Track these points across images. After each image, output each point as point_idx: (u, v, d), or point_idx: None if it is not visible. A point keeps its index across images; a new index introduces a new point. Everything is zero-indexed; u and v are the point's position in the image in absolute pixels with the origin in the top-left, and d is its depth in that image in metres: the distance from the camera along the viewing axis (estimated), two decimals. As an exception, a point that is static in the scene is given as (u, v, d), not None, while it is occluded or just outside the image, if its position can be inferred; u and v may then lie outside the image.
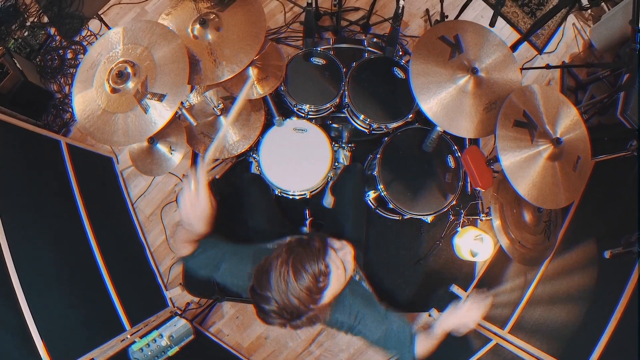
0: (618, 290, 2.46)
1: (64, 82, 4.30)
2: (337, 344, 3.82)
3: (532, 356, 2.70)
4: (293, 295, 1.68)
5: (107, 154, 4.04)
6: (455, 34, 2.63)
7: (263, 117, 3.17)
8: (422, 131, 3.16)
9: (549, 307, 2.97)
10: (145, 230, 4.00)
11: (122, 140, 2.35)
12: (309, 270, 1.70)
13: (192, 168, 2.34)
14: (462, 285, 3.78)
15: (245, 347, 3.84)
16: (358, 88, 3.18)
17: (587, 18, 4.38)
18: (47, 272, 2.74)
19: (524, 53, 4.27)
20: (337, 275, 1.83)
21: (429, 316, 3.79)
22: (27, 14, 4.44)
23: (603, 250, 2.64)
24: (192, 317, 3.72)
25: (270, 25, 4.28)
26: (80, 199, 3.30)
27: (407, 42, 4.22)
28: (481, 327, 3.26)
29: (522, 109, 2.43)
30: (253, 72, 2.89)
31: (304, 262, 1.71)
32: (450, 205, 3.06)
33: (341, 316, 2.07)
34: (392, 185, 3.06)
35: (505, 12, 4.35)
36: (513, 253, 2.81)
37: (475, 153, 2.82)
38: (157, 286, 3.80)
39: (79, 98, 2.43)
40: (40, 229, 2.86)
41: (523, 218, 2.93)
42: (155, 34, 2.42)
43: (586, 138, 2.55)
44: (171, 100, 2.30)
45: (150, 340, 3.00)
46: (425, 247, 3.83)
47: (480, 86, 2.55)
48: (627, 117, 3.48)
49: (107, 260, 3.22)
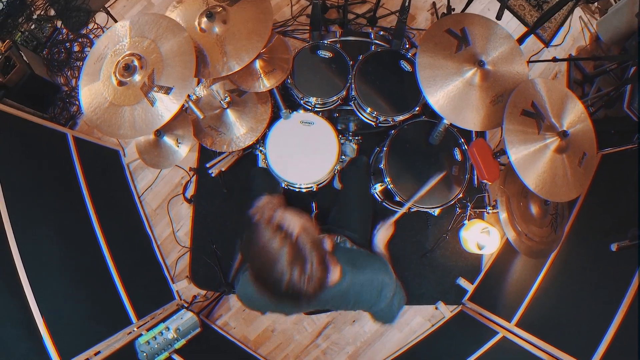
0: (625, 283, 2.46)
1: (71, 75, 4.30)
2: (343, 336, 3.83)
3: (538, 349, 2.70)
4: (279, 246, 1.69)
5: (114, 146, 4.05)
6: (462, 27, 2.63)
7: (270, 110, 3.17)
8: (429, 124, 3.16)
9: (556, 300, 2.97)
10: (151, 223, 4.01)
11: (129, 133, 2.36)
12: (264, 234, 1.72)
13: None
14: (468, 278, 3.78)
15: (252, 340, 3.85)
16: (365, 81, 3.17)
17: (594, 11, 4.37)
18: (54, 266, 2.75)
19: (531, 46, 4.25)
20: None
21: (435, 309, 3.80)
22: (34, 7, 4.45)
23: (610, 243, 2.63)
24: (198, 310, 3.73)
25: (277, 18, 4.27)
26: (87, 191, 3.31)
27: (413, 35, 4.22)
28: (488, 320, 3.26)
29: (531, 100, 2.43)
30: (260, 65, 2.90)
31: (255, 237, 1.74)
32: (457, 198, 3.05)
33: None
34: (399, 178, 3.06)
35: (512, 5, 4.34)
36: (520, 246, 2.81)
37: (482, 146, 2.82)
38: (163, 279, 3.82)
39: (85, 91, 2.44)
40: (47, 222, 2.88)
41: (530, 211, 2.93)
42: (162, 27, 2.42)
43: (592, 133, 2.55)
44: (178, 93, 2.30)
45: (157, 333, 3.01)
46: (432, 240, 3.83)
47: (487, 79, 2.55)
48: (634, 110, 3.47)
49: (113, 253, 3.24)
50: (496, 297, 3.49)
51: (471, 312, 3.56)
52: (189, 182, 4.01)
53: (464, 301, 3.75)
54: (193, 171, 3.98)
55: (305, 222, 1.82)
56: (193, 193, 3.99)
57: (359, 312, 3.83)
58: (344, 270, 2.03)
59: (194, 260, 3.91)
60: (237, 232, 3.83)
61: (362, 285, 2.10)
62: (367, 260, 2.17)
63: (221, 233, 3.88)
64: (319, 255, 1.76)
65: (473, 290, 3.74)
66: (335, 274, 1.99)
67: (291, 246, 1.68)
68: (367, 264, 2.14)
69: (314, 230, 1.85)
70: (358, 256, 2.18)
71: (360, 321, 3.84)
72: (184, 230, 3.97)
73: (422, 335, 3.77)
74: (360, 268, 2.10)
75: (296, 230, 1.72)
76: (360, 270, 2.09)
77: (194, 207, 3.98)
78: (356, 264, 2.10)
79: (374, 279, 2.11)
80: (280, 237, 1.68)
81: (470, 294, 3.74)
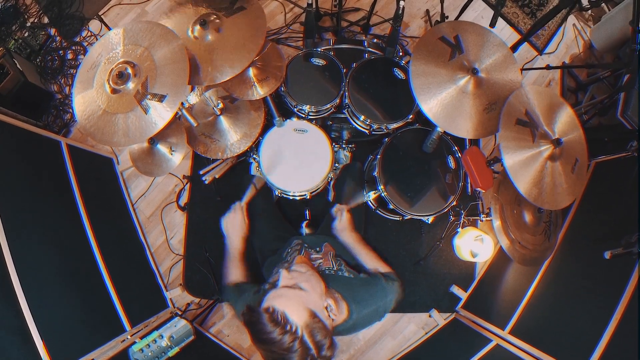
0: (618, 291, 2.47)
1: (64, 82, 4.31)
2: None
3: (532, 356, 2.70)
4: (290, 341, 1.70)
5: (108, 154, 4.04)
6: (455, 35, 2.63)
7: (263, 118, 3.16)
8: (423, 132, 3.16)
9: (549, 307, 2.97)
10: (145, 230, 4.00)
11: (123, 140, 2.34)
12: (267, 328, 1.71)
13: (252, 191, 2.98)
14: (462, 285, 3.78)
15: (246, 348, 3.83)
16: (358, 89, 3.18)
17: (588, 19, 4.39)
18: (47, 273, 2.74)
19: (524, 54, 4.27)
20: (297, 296, 1.86)
21: (429, 316, 3.80)
22: (28, 15, 4.45)
23: (603, 250, 2.64)
24: (192, 317, 3.72)
25: (270, 26, 4.28)
26: (81, 199, 3.30)
27: (407, 42, 4.23)
28: (481, 327, 3.26)
29: (524, 109, 2.43)
30: (253, 73, 2.90)
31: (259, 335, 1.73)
32: (450, 205, 3.05)
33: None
34: (393, 186, 3.06)
35: (505, 12, 4.36)
36: (513, 254, 2.82)
37: (476, 154, 2.82)
38: (157, 287, 3.80)
39: (79, 99, 2.42)
40: (41, 229, 2.87)
41: (523, 219, 2.93)
42: (156, 34, 2.41)
43: (582, 140, 2.55)
44: (171, 101, 2.29)
45: (151, 341, 3.00)
46: (426, 248, 3.84)
47: (481, 87, 2.55)
48: (628, 118, 3.48)
49: (107, 260, 3.22)
50: (490, 304, 3.50)
51: (465, 319, 3.56)
52: (182, 189, 4.01)
53: (457, 309, 3.75)
54: (187, 179, 3.98)
55: (307, 301, 1.85)
56: (187, 201, 3.99)
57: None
58: (350, 309, 2.03)
59: (188, 268, 3.91)
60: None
61: (369, 316, 2.11)
62: (368, 290, 2.16)
63: (215, 241, 3.86)
64: (329, 342, 1.78)
65: (466, 298, 3.74)
66: (342, 314, 2.01)
67: (300, 344, 1.70)
68: (369, 295, 2.14)
69: (317, 300, 1.89)
70: (359, 288, 2.16)
71: (354, 329, 3.82)
72: (178, 238, 3.97)
73: (415, 343, 3.76)
74: (363, 302, 2.09)
75: (300, 325, 1.73)
76: (364, 304, 2.09)
77: (187, 214, 3.97)
78: (358, 298, 2.09)
79: (378, 307, 2.13)
80: (288, 335, 1.69)
81: (464, 302, 3.74)
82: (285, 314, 1.73)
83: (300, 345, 1.68)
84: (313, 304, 1.84)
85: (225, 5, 2.65)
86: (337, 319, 1.95)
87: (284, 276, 1.96)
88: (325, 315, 1.86)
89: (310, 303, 1.84)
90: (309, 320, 1.76)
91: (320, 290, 1.93)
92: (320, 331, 1.76)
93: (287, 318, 1.72)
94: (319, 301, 1.88)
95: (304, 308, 1.79)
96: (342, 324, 2.02)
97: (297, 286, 1.90)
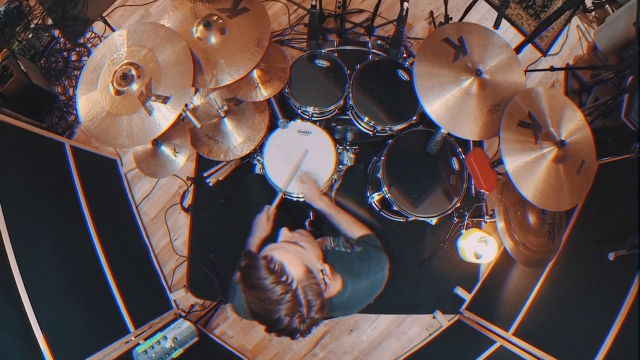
0: (622, 292, 2.46)
1: (68, 84, 4.31)
2: (341, 345, 3.82)
3: (536, 358, 2.70)
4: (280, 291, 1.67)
5: (111, 156, 4.05)
6: (459, 36, 2.63)
7: (267, 119, 3.17)
8: (426, 133, 3.16)
9: (553, 309, 2.97)
10: (149, 232, 4.01)
11: (126, 142, 2.35)
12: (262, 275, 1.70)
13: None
14: (466, 287, 3.78)
15: (250, 349, 3.84)
16: (362, 90, 3.18)
17: (591, 20, 4.38)
18: (51, 275, 2.74)
19: (528, 55, 4.26)
20: (290, 251, 1.86)
21: (433, 318, 3.79)
22: (31, 16, 4.45)
23: (607, 252, 2.62)
24: (196, 319, 3.73)
25: (274, 27, 4.29)
26: (85, 201, 3.30)
27: (411, 44, 4.23)
28: (485, 329, 3.26)
29: (527, 110, 2.43)
30: (257, 74, 2.90)
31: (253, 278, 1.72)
32: (454, 207, 3.05)
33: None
34: (396, 188, 3.05)
35: (509, 14, 4.35)
36: (517, 255, 2.81)
37: (480, 155, 2.81)
38: (161, 288, 3.81)
39: (83, 100, 2.43)
40: (45, 231, 2.87)
41: (527, 220, 2.93)
42: (160, 36, 2.41)
43: (591, 141, 2.54)
44: (175, 103, 2.29)
45: (155, 343, 3.00)
46: (430, 249, 3.83)
47: (485, 88, 2.55)
48: (631, 119, 3.47)
49: (111, 262, 3.23)
50: (494, 306, 3.49)
51: (469, 321, 3.55)
52: (186, 191, 4.01)
53: (461, 310, 3.75)
54: (190, 180, 3.99)
55: (305, 258, 1.85)
56: (190, 202, 3.99)
57: (357, 322, 3.82)
58: (345, 281, 2.04)
59: (192, 270, 3.91)
60: (234, 241, 3.84)
61: (365, 289, 2.11)
62: (363, 263, 2.16)
63: (219, 242, 3.88)
64: (320, 303, 1.76)
65: (470, 300, 3.74)
66: (336, 284, 2.01)
67: (292, 296, 1.68)
68: (364, 268, 2.14)
69: (314, 260, 1.89)
70: (355, 261, 2.17)
71: (357, 330, 3.82)
72: (182, 240, 3.97)
73: (419, 345, 3.76)
74: (358, 275, 2.09)
75: (296, 278, 1.72)
76: (359, 277, 2.09)
77: (191, 216, 3.97)
78: (354, 271, 2.10)
79: (375, 279, 2.14)
80: (281, 286, 1.67)
81: (468, 303, 3.74)
82: (283, 264, 1.73)
83: (292, 298, 1.67)
84: (310, 262, 1.85)
85: (228, 6, 2.65)
86: (331, 287, 1.95)
87: (284, 233, 2.00)
88: (320, 277, 1.85)
89: (307, 260, 1.84)
90: (305, 275, 1.76)
91: (317, 253, 1.94)
92: (314, 289, 1.75)
93: (285, 269, 1.72)
94: (315, 262, 1.88)
95: (302, 263, 1.80)
96: (336, 295, 2.03)
97: (297, 243, 1.91)
